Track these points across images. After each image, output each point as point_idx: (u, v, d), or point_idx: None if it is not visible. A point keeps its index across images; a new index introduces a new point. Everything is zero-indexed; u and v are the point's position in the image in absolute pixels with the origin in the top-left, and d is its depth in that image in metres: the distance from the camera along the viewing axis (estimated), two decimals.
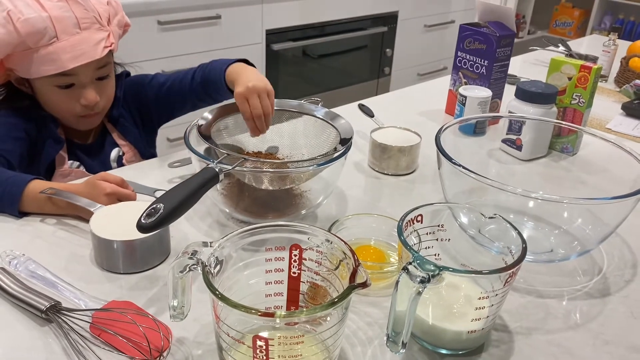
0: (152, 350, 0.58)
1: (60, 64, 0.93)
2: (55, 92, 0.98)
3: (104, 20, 0.98)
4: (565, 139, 1.11)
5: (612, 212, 0.74)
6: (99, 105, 1.02)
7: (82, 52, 0.94)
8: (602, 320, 0.70)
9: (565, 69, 1.13)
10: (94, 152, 1.10)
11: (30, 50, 0.92)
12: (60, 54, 0.92)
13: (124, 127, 1.12)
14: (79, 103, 1.00)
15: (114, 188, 0.83)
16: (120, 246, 0.72)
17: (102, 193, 0.82)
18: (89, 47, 0.94)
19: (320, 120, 0.91)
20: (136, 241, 0.72)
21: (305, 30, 2.48)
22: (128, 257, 0.73)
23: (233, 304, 0.50)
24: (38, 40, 0.91)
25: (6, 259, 0.72)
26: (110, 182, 0.83)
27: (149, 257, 0.74)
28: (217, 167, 0.71)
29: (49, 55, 0.92)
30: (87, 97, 0.99)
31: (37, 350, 0.60)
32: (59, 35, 0.92)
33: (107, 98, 1.05)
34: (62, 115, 1.03)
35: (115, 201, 0.82)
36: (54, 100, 1.00)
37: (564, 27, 3.96)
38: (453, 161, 0.76)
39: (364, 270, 0.54)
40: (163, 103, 1.12)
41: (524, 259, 0.59)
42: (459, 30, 1.28)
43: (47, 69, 0.93)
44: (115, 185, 0.84)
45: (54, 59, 0.92)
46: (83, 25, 0.94)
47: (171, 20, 1.97)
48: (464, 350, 0.63)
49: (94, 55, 0.95)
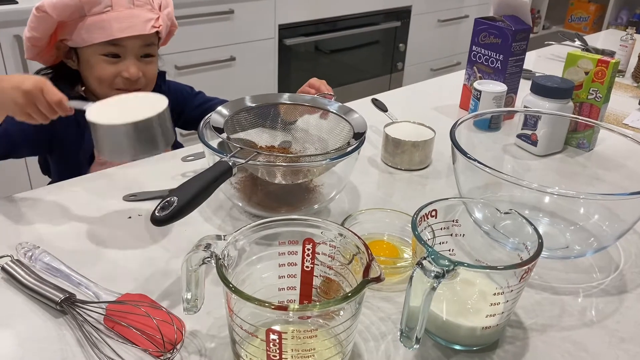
0: (165, 343, 0.58)
1: (110, 32, 0.99)
2: (101, 62, 1.03)
3: (156, 5, 1.05)
4: (582, 135, 1.09)
5: (630, 209, 0.73)
6: (140, 82, 1.06)
7: (131, 25, 1.00)
8: (619, 317, 0.69)
9: (582, 63, 1.12)
10: None
11: (84, 17, 0.98)
12: (112, 23, 0.99)
13: None
14: (121, 76, 1.04)
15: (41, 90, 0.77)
16: (124, 129, 0.72)
17: (25, 87, 0.77)
18: (139, 22, 1.01)
19: (333, 114, 0.90)
20: (139, 122, 0.72)
21: (318, 25, 2.48)
22: (133, 140, 0.73)
23: (246, 297, 0.50)
24: (94, 6, 0.98)
25: (21, 251, 0.73)
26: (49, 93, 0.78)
27: (154, 139, 0.75)
28: (231, 160, 0.71)
29: (101, 23, 0.99)
30: (130, 71, 1.04)
31: (51, 342, 0.61)
32: (114, 6, 0.99)
33: (148, 79, 1.09)
34: (102, 90, 1.06)
35: (31, 104, 0.78)
36: (98, 71, 1.04)
37: (579, 22, 3.91)
38: (468, 156, 0.75)
39: (378, 265, 0.54)
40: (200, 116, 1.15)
41: (540, 255, 0.58)
42: (474, 24, 1.27)
43: (97, 36, 1.00)
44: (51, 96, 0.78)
45: (105, 26, 0.99)
46: (137, 3, 1.02)
47: (184, 15, 1.98)
48: (478, 347, 0.63)
49: (142, 30, 1.01)
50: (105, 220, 0.84)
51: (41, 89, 0.77)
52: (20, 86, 0.77)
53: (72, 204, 0.87)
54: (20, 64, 1.71)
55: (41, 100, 0.78)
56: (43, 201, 0.88)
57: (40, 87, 0.77)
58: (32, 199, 0.89)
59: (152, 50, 1.08)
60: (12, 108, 0.78)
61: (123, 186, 0.93)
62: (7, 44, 1.68)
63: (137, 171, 0.98)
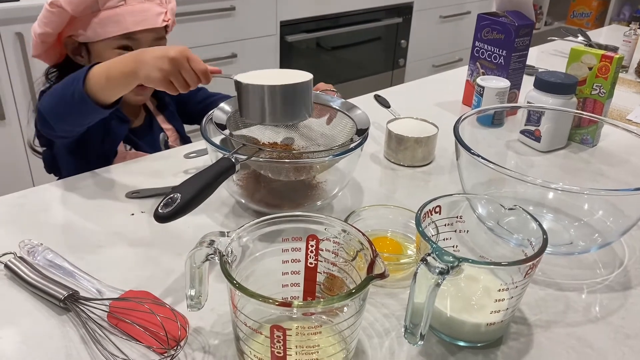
0: (169, 339, 0.58)
1: (124, 25, 1.01)
2: (113, 56, 1.02)
3: (164, 0, 1.07)
4: (585, 130, 1.09)
5: (634, 204, 0.73)
6: None
7: (145, 19, 1.02)
8: (623, 313, 0.69)
9: (586, 58, 1.11)
10: (142, 134, 1.14)
11: (98, 11, 1.00)
12: (126, 16, 1.00)
13: (170, 112, 1.21)
14: None
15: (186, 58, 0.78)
16: (269, 89, 0.76)
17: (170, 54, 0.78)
18: (151, 16, 1.03)
19: (336, 110, 0.90)
20: (284, 86, 0.76)
21: (320, 22, 2.47)
22: (277, 103, 0.77)
23: (250, 294, 0.50)
24: (108, 0, 0.99)
25: (25, 249, 0.73)
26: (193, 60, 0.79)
27: (296, 105, 0.78)
28: (233, 157, 0.71)
29: (115, 17, 1.00)
30: None
31: (55, 339, 0.61)
32: (127, 0, 1.01)
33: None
34: None
35: (176, 71, 0.78)
36: None
37: (581, 17, 3.90)
38: (472, 152, 0.75)
39: (382, 261, 0.54)
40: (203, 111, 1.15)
41: (545, 251, 0.58)
42: (477, 20, 1.26)
43: (112, 30, 1.01)
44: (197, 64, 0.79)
45: (119, 20, 1.00)
46: None
47: (185, 12, 1.97)
48: (482, 343, 0.62)
49: (154, 23, 1.03)
50: (109, 217, 0.83)
51: (187, 57, 0.78)
52: (166, 54, 0.78)
53: (75, 201, 0.87)
54: (22, 61, 1.71)
55: (187, 67, 0.79)
56: (45, 198, 0.88)
57: (186, 55, 0.78)
58: (34, 196, 0.89)
59: (162, 43, 1.09)
60: (154, 76, 0.78)
61: (126, 183, 0.93)
62: (9, 42, 1.68)
63: (139, 168, 0.98)
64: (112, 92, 0.84)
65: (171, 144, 1.20)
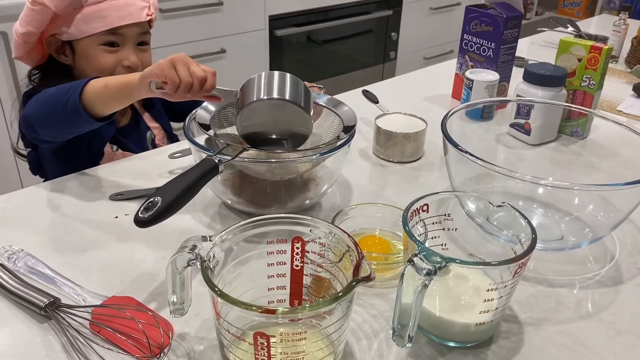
0: (152, 346, 0.57)
1: (109, 20, 1.00)
2: (101, 52, 1.03)
3: None
4: (575, 123, 1.08)
5: (625, 198, 0.72)
6: (139, 70, 1.05)
7: (130, 13, 1.01)
8: (615, 309, 0.68)
9: (575, 50, 1.10)
10: (129, 133, 1.13)
11: (81, 8, 0.99)
12: (111, 11, 1.00)
13: (157, 110, 1.19)
14: (122, 64, 1.04)
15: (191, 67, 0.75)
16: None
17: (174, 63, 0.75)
18: (135, 10, 1.02)
19: (322, 107, 0.89)
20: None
21: (309, 15, 2.44)
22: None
23: (232, 301, 0.49)
24: None
25: (5, 255, 0.71)
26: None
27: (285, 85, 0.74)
28: (217, 158, 0.69)
29: (99, 12, 0.99)
30: (131, 59, 1.04)
31: (36, 347, 0.59)
32: None
33: (145, 67, 1.06)
34: None
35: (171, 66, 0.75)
36: (99, 61, 1.03)
37: (572, 7, 3.88)
38: (459, 148, 0.74)
39: (368, 264, 0.53)
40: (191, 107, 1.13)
41: (534, 249, 0.57)
42: (465, 12, 1.25)
43: (97, 26, 1.00)
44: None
45: (104, 15, 0.99)
46: None
47: (173, 7, 1.95)
48: (472, 343, 0.62)
49: (139, 17, 1.02)
50: (92, 220, 0.82)
51: (189, 61, 0.76)
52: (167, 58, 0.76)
53: (59, 204, 0.85)
54: (7, 61, 1.68)
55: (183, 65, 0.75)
56: (26, 202, 0.86)
57: (188, 59, 0.76)
58: (14, 199, 0.87)
59: (147, 38, 1.09)
60: (151, 71, 0.76)
61: (110, 184, 0.91)
62: None
63: (125, 168, 0.96)
64: (109, 103, 0.83)
65: (158, 143, 1.18)
